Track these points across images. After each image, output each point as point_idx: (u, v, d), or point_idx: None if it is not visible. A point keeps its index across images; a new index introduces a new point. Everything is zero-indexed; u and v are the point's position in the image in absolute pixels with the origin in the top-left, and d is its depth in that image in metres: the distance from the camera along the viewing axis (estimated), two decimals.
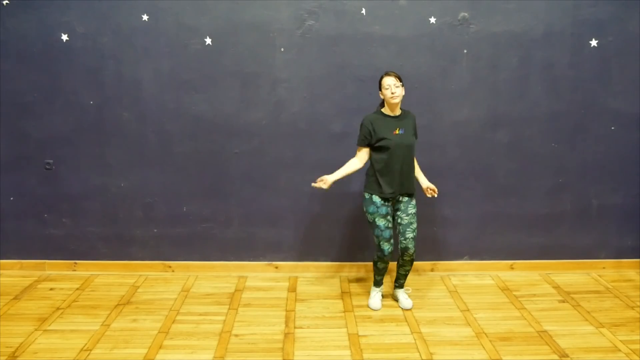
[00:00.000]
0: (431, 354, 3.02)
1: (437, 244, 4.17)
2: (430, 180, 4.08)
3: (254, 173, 4.05)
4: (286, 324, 3.37)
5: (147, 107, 3.95)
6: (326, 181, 3.39)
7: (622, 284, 3.98)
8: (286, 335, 3.23)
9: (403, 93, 3.35)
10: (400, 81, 3.32)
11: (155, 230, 4.11)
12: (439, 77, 3.95)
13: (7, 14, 3.82)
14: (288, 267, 4.15)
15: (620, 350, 3.05)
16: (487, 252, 4.19)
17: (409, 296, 3.67)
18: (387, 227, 3.39)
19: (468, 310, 3.56)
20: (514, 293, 3.83)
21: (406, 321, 3.40)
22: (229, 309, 3.57)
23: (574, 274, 4.15)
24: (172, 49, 3.88)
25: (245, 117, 3.95)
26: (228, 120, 3.97)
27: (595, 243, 4.21)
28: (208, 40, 3.88)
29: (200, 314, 3.49)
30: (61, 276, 4.06)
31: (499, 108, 4.02)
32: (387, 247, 3.41)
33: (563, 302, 3.69)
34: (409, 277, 4.08)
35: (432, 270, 4.19)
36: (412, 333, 3.25)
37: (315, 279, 4.06)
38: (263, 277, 4.10)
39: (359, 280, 4.05)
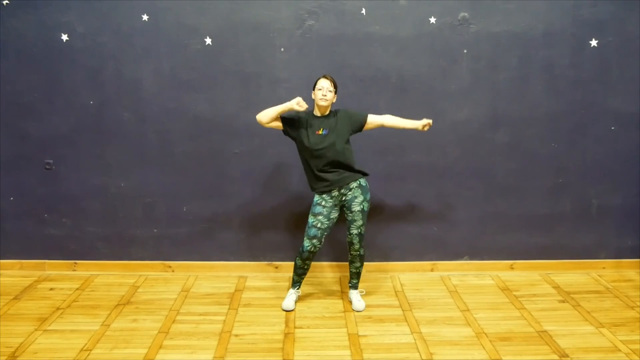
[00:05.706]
0: (431, 354, 3.02)
1: (437, 244, 4.17)
2: (430, 180, 4.09)
3: (254, 173, 4.05)
4: (286, 324, 3.37)
5: (147, 107, 3.95)
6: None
7: (622, 284, 3.98)
8: (286, 335, 3.23)
9: (334, 100, 3.39)
10: (335, 88, 3.37)
11: (155, 230, 4.11)
12: (439, 77, 3.95)
13: (7, 14, 3.82)
14: (288, 267, 4.14)
15: (620, 350, 3.05)
16: (487, 252, 4.19)
17: (362, 297, 3.67)
18: (314, 226, 3.41)
19: (468, 310, 3.56)
20: (514, 293, 3.83)
21: (406, 321, 3.40)
22: (229, 309, 3.57)
23: (574, 274, 4.15)
24: (172, 49, 3.88)
25: (245, 117, 3.95)
26: (228, 120, 3.97)
27: (595, 243, 4.21)
28: (208, 40, 3.88)
29: (200, 314, 3.49)
30: (61, 276, 4.06)
31: (499, 108, 4.02)
32: (307, 244, 3.43)
33: (563, 302, 3.69)
34: (408, 276, 4.09)
35: (432, 270, 4.19)
36: (412, 333, 3.25)
37: (315, 279, 4.06)
38: (263, 277, 4.10)
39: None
